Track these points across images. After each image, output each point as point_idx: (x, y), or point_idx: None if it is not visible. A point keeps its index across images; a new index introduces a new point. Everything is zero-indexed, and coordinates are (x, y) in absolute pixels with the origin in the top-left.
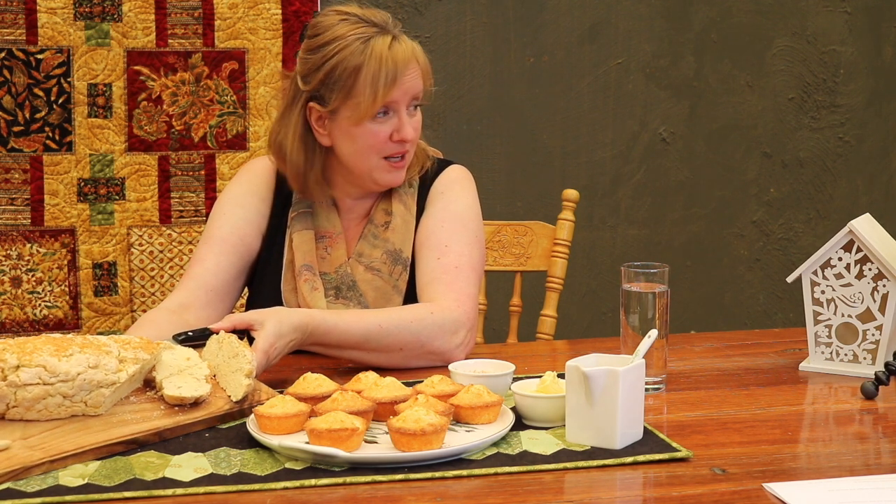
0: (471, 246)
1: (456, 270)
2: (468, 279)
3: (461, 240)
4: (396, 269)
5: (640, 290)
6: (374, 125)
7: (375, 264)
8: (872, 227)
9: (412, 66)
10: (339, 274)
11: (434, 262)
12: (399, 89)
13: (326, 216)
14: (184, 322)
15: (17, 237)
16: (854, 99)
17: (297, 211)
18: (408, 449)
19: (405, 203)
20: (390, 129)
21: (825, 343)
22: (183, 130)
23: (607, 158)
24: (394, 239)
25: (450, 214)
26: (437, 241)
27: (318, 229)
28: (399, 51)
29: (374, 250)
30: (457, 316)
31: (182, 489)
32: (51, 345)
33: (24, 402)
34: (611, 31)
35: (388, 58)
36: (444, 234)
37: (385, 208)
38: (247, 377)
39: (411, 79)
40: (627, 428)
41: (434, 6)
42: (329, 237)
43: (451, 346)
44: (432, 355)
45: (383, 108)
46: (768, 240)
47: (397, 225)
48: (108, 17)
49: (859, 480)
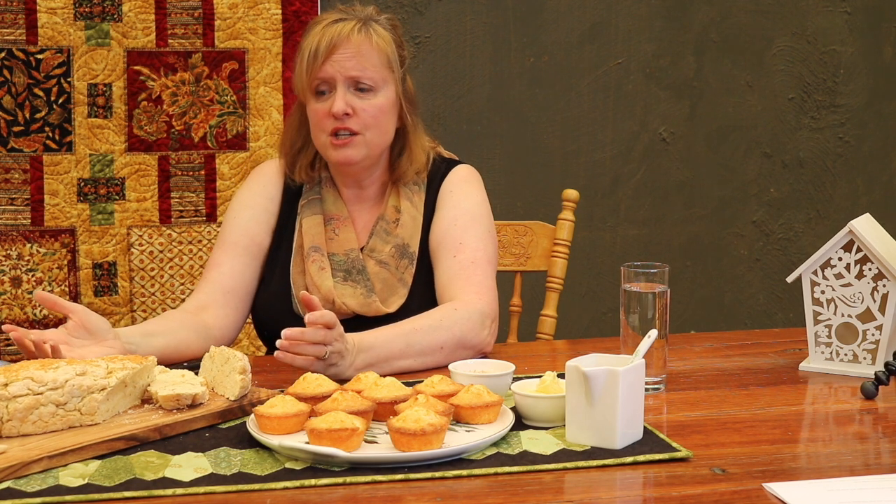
0: (484, 240)
1: (472, 265)
2: (485, 272)
3: (474, 235)
4: (403, 262)
5: (640, 290)
6: (315, 103)
7: (384, 258)
8: (872, 227)
9: (345, 46)
10: (350, 259)
11: (451, 260)
12: (329, 66)
13: (333, 201)
14: (202, 322)
15: (17, 237)
16: (854, 99)
17: (307, 199)
18: (408, 449)
19: (412, 200)
20: (328, 106)
21: (825, 343)
22: (183, 130)
23: (607, 158)
24: (402, 234)
25: (461, 212)
26: (451, 240)
27: (327, 213)
28: (333, 30)
29: (384, 245)
30: (481, 307)
31: (182, 489)
32: (36, 363)
33: (17, 414)
34: (611, 31)
35: (318, 34)
36: (458, 231)
37: (395, 205)
38: (240, 374)
39: (344, 58)
40: (627, 428)
41: (434, 6)
42: (337, 219)
43: (482, 337)
44: (468, 349)
45: (319, 86)
46: (768, 240)
47: (405, 221)
48: (108, 17)
49: (859, 480)
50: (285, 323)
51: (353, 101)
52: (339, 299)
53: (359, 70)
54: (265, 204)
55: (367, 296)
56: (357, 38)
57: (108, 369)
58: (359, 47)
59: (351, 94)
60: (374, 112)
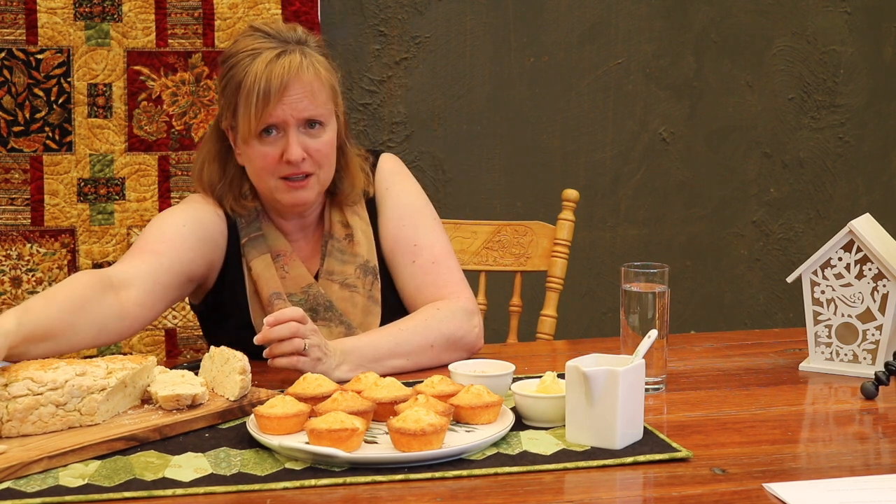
0: (436, 233)
1: (435, 266)
2: (449, 268)
3: (425, 231)
4: (368, 279)
5: (640, 290)
6: (261, 146)
7: (350, 280)
8: (872, 227)
9: (294, 86)
10: (310, 295)
11: (411, 266)
12: (280, 108)
13: (276, 237)
14: (120, 298)
15: (17, 237)
16: (854, 99)
17: (248, 236)
18: (408, 449)
19: (359, 214)
20: (279, 150)
21: (825, 343)
22: (183, 130)
23: (607, 158)
24: (361, 252)
25: (405, 210)
26: (405, 244)
27: (273, 250)
28: (278, 68)
29: (345, 266)
30: (462, 305)
31: (182, 489)
32: (36, 363)
33: (16, 415)
34: (611, 31)
35: (262, 75)
36: (408, 231)
37: (340, 221)
38: (240, 374)
39: (295, 99)
40: (627, 428)
41: (434, 6)
42: (284, 255)
43: (473, 334)
44: (459, 348)
45: (267, 127)
46: (768, 240)
47: (360, 238)
48: (108, 17)
49: (859, 480)
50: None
51: (305, 142)
52: None
53: (312, 110)
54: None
55: (347, 332)
56: (308, 76)
57: (108, 369)
58: (311, 85)
59: (301, 133)
60: (326, 150)
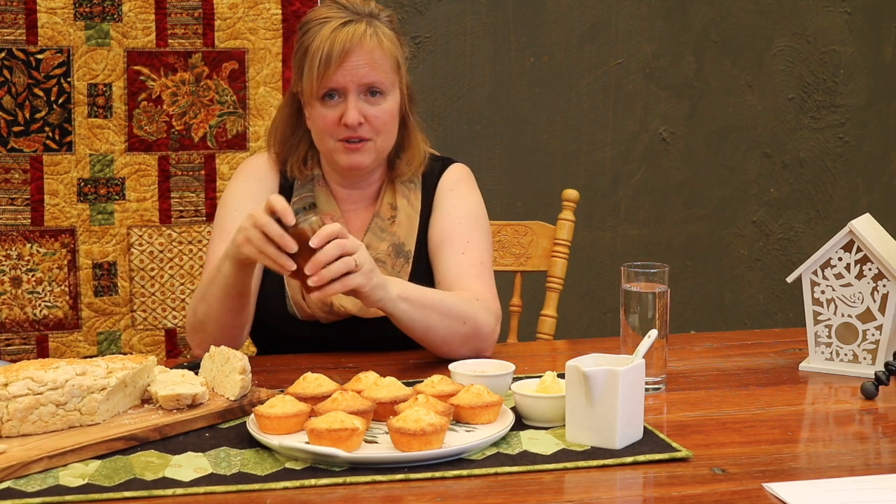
0: (487, 243)
1: (482, 266)
2: (490, 276)
3: (479, 236)
4: (399, 261)
5: (640, 290)
6: (323, 108)
7: (381, 256)
8: (872, 227)
9: (356, 53)
10: None
11: (459, 256)
12: (339, 74)
13: (326, 200)
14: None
15: (17, 237)
16: (854, 99)
17: (299, 196)
18: (408, 449)
19: (409, 199)
20: (339, 114)
21: (825, 343)
22: (183, 130)
23: (607, 158)
24: (399, 232)
25: (464, 212)
26: (458, 238)
27: (320, 213)
28: (342, 34)
29: (380, 243)
30: (495, 308)
31: (182, 489)
32: (36, 363)
33: (17, 414)
34: (611, 31)
35: (327, 41)
36: (463, 230)
37: (390, 202)
38: (240, 374)
39: (356, 66)
40: (627, 428)
41: (434, 6)
42: (332, 220)
43: (493, 335)
44: (480, 340)
45: (329, 91)
46: (768, 240)
47: (402, 219)
48: (108, 17)
49: (859, 480)
50: (279, 324)
51: (364, 108)
52: (336, 301)
53: (372, 77)
54: (266, 196)
55: None
56: (370, 44)
57: (108, 369)
58: (371, 53)
59: (361, 100)
60: (385, 118)
